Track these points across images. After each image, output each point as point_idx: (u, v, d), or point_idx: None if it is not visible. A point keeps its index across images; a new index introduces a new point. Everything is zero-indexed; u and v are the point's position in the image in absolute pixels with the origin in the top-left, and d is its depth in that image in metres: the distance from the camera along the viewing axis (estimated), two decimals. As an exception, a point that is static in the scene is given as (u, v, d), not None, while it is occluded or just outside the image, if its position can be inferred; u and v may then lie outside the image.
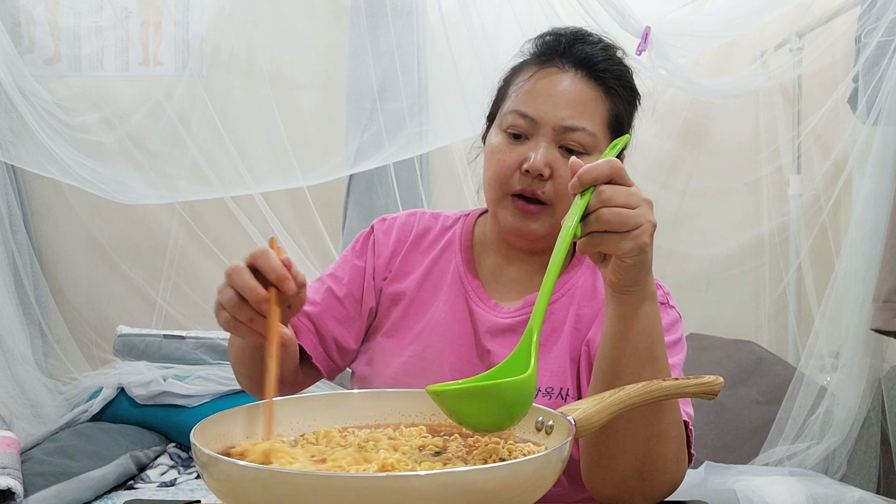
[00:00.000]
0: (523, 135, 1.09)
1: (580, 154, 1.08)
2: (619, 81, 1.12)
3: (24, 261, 2.79)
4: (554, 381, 1.09)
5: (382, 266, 1.19)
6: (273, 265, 0.86)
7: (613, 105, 1.11)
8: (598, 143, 1.09)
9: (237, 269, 0.86)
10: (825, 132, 2.69)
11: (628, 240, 0.84)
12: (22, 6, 2.73)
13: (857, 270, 2.21)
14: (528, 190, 1.08)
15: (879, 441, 2.20)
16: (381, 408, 0.94)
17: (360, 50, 2.55)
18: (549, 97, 1.08)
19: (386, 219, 1.23)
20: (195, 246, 2.92)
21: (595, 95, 1.10)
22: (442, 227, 1.22)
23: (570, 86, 1.09)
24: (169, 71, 2.85)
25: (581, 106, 1.08)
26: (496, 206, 1.12)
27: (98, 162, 2.63)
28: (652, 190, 3.00)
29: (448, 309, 1.15)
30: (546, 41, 1.14)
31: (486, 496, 0.64)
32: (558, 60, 1.11)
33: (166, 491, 2.21)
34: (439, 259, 1.18)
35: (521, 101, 1.10)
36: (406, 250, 1.19)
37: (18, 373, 2.60)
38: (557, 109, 1.07)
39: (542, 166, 1.06)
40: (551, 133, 1.07)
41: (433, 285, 1.17)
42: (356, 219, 2.61)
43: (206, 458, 0.69)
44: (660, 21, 2.41)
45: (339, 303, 1.16)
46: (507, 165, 1.08)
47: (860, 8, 2.25)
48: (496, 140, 1.11)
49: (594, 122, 1.08)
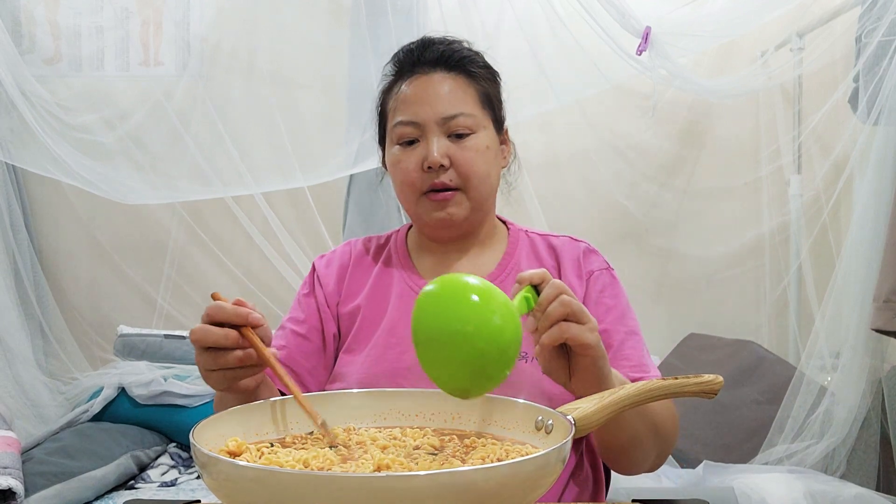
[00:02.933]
0: (415, 140, 1.18)
1: (468, 135, 1.17)
2: (475, 65, 1.22)
3: (24, 261, 2.79)
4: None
5: (332, 292, 1.25)
6: (232, 312, 0.91)
7: (480, 86, 1.21)
8: (478, 121, 1.19)
9: (203, 330, 0.91)
10: (826, 132, 2.69)
11: (588, 331, 0.89)
12: (22, 6, 2.73)
13: (858, 270, 2.21)
14: (437, 184, 1.16)
15: (879, 440, 2.20)
16: (381, 407, 0.94)
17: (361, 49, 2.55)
18: (424, 99, 1.18)
19: (324, 255, 1.31)
20: (196, 246, 2.93)
21: (461, 83, 1.20)
22: (377, 246, 1.30)
23: (437, 83, 1.19)
24: (169, 71, 2.85)
25: (453, 96, 1.18)
26: (415, 208, 1.20)
27: (98, 162, 2.63)
28: (652, 190, 3.01)
29: (401, 309, 1.19)
30: (401, 57, 1.24)
31: (485, 496, 0.64)
32: (418, 68, 1.21)
33: (167, 491, 2.21)
34: (383, 272, 1.26)
35: (400, 112, 1.19)
36: (350, 273, 1.26)
37: (19, 372, 2.60)
38: (434, 106, 1.17)
39: (440, 158, 1.15)
40: (437, 127, 1.17)
41: (382, 295, 1.23)
42: (356, 219, 2.61)
43: (205, 458, 0.69)
44: (660, 21, 2.41)
45: (304, 339, 1.22)
46: (411, 169, 1.17)
47: (860, 8, 2.24)
48: (394, 152, 1.20)
49: (469, 105, 1.19)
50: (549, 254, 1.24)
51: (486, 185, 1.19)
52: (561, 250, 1.23)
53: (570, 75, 2.58)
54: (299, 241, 2.74)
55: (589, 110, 2.96)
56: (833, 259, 2.42)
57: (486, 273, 1.22)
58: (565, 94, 2.61)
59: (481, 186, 1.18)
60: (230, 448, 0.81)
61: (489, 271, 1.22)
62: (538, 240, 1.26)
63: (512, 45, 2.52)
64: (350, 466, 0.76)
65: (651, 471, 1.13)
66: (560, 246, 1.24)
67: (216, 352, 0.91)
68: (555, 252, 1.24)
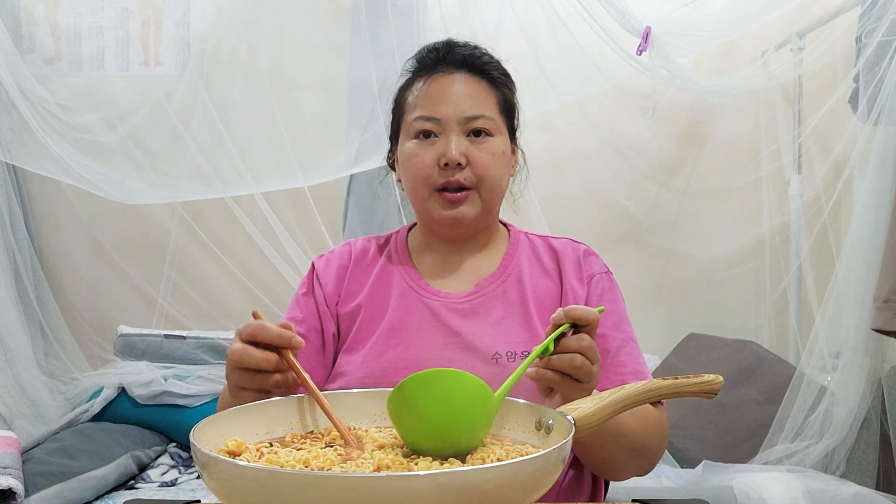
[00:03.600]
0: (433, 133, 1.18)
1: (487, 136, 1.17)
2: (498, 72, 1.24)
3: (24, 261, 2.79)
4: (514, 347, 1.15)
5: (332, 292, 1.24)
6: (276, 335, 0.91)
7: (500, 92, 1.23)
8: (497, 126, 1.20)
9: (244, 352, 0.90)
10: (826, 132, 2.69)
11: (580, 390, 0.91)
12: (23, 6, 2.73)
13: (858, 270, 2.21)
14: (451, 182, 1.16)
15: (879, 440, 2.20)
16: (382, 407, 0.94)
17: (361, 50, 2.55)
18: (446, 97, 1.18)
19: (323, 255, 1.31)
20: (196, 246, 2.92)
21: (483, 87, 1.21)
22: (377, 246, 1.30)
23: (460, 84, 1.19)
24: (169, 71, 2.85)
25: (475, 97, 1.19)
26: (425, 204, 1.20)
27: (99, 162, 2.62)
28: (652, 190, 3.01)
29: (403, 309, 1.19)
30: (424, 55, 1.25)
31: (485, 496, 0.64)
32: (442, 67, 1.21)
33: (167, 491, 2.21)
34: (383, 272, 1.25)
35: (421, 108, 1.19)
36: (350, 273, 1.26)
37: (19, 372, 2.60)
38: (457, 106, 1.17)
39: (458, 156, 1.15)
40: (457, 126, 1.17)
41: (383, 295, 1.22)
42: (357, 219, 2.61)
43: (205, 458, 0.69)
44: (660, 21, 2.41)
45: (303, 339, 1.20)
46: (427, 164, 1.17)
47: (861, 8, 2.24)
48: (409, 146, 1.20)
49: (489, 108, 1.20)
50: (550, 256, 1.24)
51: (498, 188, 1.20)
52: (562, 253, 1.24)
53: (570, 75, 2.58)
54: (299, 241, 2.74)
55: (589, 110, 2.96)
56: (833, 259, 2.42)
57: (486, 274, 1.22)
58: (565, 94, 2.61)
59: (494, 189, 1.19)
60: (230, 448, 0.81)
61: (490, 272, 1.22)
62: (538, 242, 1.27)
63: (512, 45, 2.52)
64: (350, 466, 0.76)
65: (641, 475, 1.15)
66: (561, 248, 1.24)
67: (253, 373, 0.91)
68: (555, 254, 1.24)
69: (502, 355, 1.13)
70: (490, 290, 1.20)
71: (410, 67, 1.26)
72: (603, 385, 1.04)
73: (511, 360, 1.13)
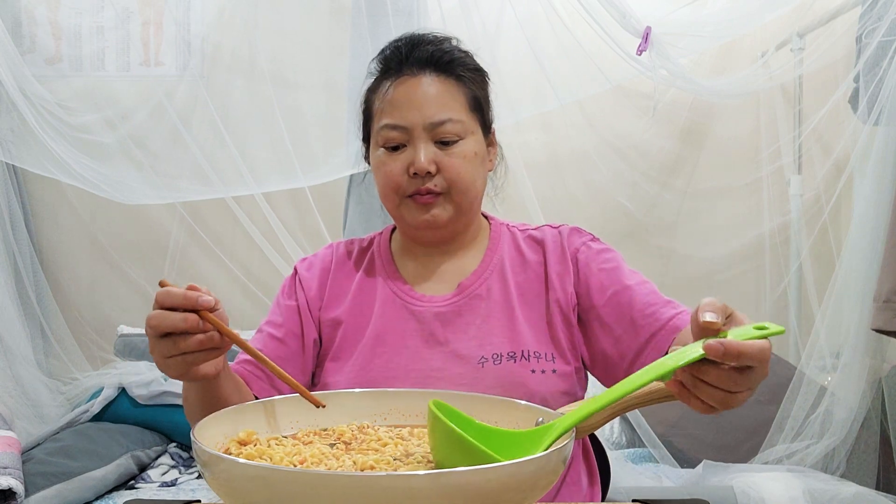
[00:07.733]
0: (400, 144, 1.16)
1: (455, 142, 1.15)
2: (464, 68, 1.20)
3: (24, 260, 2.79)
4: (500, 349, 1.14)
5: (315, 297, 1.23)
6: (180, 296, 0.85)
7: (468, 90, 1.19)
8: (467, 127, 1.17)
9: (161, 316, 0.86)
10: (826, 132, 2.69)
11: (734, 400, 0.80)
12: (23, 6, 2.73)
13: (858, 270, 2.21)
14: (421, 190, 1.15)
15: (879, 440, 2.20)
16: (381, 407, 0.94)
17: (361, 50, 2.55)
18: (411, 103, 1.16)
19: (306, 258, 1.30)
20: (196, 246, 2.93)
21: (449, 87, 1.18)
22: (360, 249, 1.29)
23: (425, 87, 1.17)
24: (170, 71, 2.85)
25: (441, 100, 1.16)
26: (398, 211, 1.19)
27: (99, 162, 2.63)
28: (652, 190, 3.01)
29: (387, 316, 1.19)
30: (387, 55, 1.22)
31: (486, 496, 0.64)
32: (406, 69, 1.18)
33: (167, 491, 2.21)
34: (365, 280, 1.24)
35: (386, 115, 1.17)
36: (332, 277, 1.25)
37: (19, 373, 2.60)
38: (422, 111, 1.15)
39: (427, 165, 1.14)
40: (423, 133, 1.15)
41: (366, 302, 1.21)
42: (357, 219, 2.61)
43: (207, 456, 0.69)
44: (660, 21, 2.41)
45: (281, 343, 1.20)
46: (396, 173, 1.16)
47: (861, 8, 2.25)
48: (379, 155, 1.19)
49: (457, 110, 1.17)
50: (533, 248, 1.23)
51: (471, 191, 1.18)
52: (545, 243, 1.22)
53: (571, 75, 2.59)
54: (300, 241, 2.74)
55: (589, 110, 2.96)
56: (833, 259, 2.42)
57: (469, 272, 1.21)
58: (565, 94, 2.61)
59: (467, 192, 1.17)
60: (240, 437, 0.82)
61: (472, 270, 1.22)
62: (519, 234, 1.26)
63: (512, 45, 2.53)
64: (333, 464, 0.77)
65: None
66: (543, 238, 1.23)
67: (175, 337, 0.86)
68: (538, 245, 1.23)
69: (488, 359, 1.13)
70: (472, 289, 1.19)
71: (376, 68, 1.23)
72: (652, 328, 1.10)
73: (497, 362, 1.12)
